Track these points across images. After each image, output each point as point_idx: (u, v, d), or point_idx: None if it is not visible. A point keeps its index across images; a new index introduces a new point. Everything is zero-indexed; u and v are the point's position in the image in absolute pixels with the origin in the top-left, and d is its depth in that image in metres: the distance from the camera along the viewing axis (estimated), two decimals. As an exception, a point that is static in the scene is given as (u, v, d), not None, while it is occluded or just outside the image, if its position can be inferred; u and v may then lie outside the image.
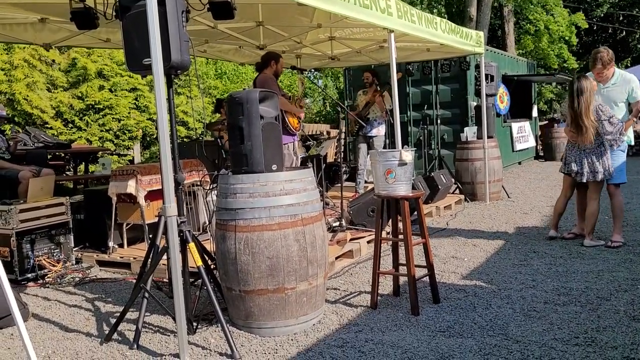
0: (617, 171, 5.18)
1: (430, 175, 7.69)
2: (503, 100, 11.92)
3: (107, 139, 11.02)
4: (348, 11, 4.71)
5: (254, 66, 7.31)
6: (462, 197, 8.27)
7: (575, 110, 5.05)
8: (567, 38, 19.99)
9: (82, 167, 9.54)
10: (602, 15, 24.10)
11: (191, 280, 3.73)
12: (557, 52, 19.99)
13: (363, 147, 8.00)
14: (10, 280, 2.78)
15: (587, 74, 5.29)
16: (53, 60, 10.82)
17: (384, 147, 7.99)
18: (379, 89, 7.97)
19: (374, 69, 8.30)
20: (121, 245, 5.44)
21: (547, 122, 16.44)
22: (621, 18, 23.15)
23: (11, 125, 9.60)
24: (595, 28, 23.75)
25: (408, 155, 3.70)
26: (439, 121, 10.66)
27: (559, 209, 5.56)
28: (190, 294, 3.60)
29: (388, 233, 5.16)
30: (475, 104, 9.83)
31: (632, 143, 5.62)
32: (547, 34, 19.62)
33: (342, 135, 6.80)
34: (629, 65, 22.22)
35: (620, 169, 5.20)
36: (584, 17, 21.09)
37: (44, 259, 4.95)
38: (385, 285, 4.29)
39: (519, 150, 13.44)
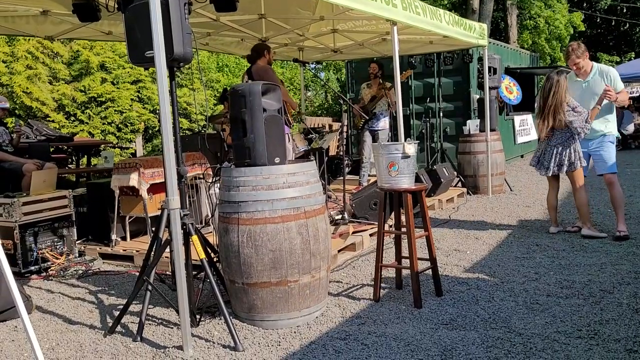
0: (608, 161, 5.25)
1: (433, 168, 7.68)
2: (512, 91, 11.80)
3: (109, 132, 11.02)
4: (352, 2, 4.68)
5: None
6: (465, 190, 8.27)
7: (548, 106, 5.17)
8: (563, 37, 19.92)
9: (84, 160, 9.55)
10: (606, 7, 23.96)
11: (194, 273, 3.73)
12: (549, 52, 19.96)
13: (368, 140, 7.94)
14: (14, 273, 2.78)
15: (562, 69, 5.41)
16: (56, 53, 10.81)
17: (388, 140, 7.96)
18: (381, 81, 7.93)
19: (377, 61, 8.23)
20: (124, 238, 5.44)
21: None
22: (625, 10, 23.00)
23: (14, 118, 9.61)
24: (598, 21, 23.59)
25: (411, 148, 3.69)
26: (441, 114, 10.62)
27: (551, 203, 5.61)
28: (193, 287, 3.60)
29: (390, 226, 5.16)
30: (477, 96, 9.80)
31: (619, 136, 5.66)
32: (547, 31, 19.57)
33: (345, 129, 6.78)
34: (632, 58, 22.11)
35: (610, 158, 5.25)
36: (587, 12, 21.00)
37: (47, 252, 4.96)
38: (388, 278, 4.30)
39: (522, 143, 13.40)
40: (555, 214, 5.61)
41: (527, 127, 13.69)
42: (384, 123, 7.93)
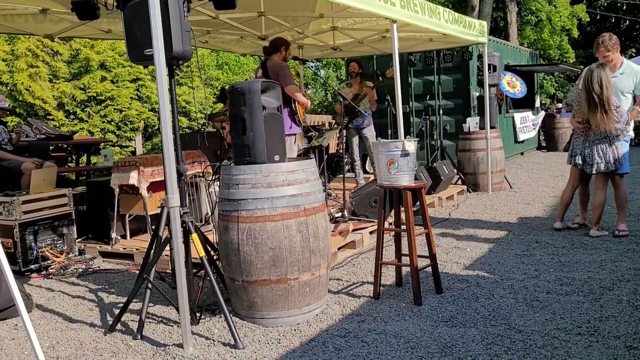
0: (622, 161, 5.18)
1: (433, 165, 7.68)
2: (515, 85, 11.73)
3: (109, 130, 11.02)
4: (351, 1, 4.68)
5: (255, 57, 7.27)
6: (465, 187, 8.26)
7: (601, 99, 4.86)
8: (567, 28, 19.88)
9: (84, 158, 9.55)
10: (606, 4, 23.92)
11: (194, 271, 3.74)
12: (557, 43, 19.90)
13: (355, 139, 7.86)
14: (14, 272, 2.78)
15: (603, 65, 5.06)
16: (56, 51, 10.80)
17: (376, 137, 7.92)
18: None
19: (357, 60, 8.14)
20: (124, 237, 5.45)
21: (546, 111, 16.34)
22: (625, 7, 22.97)
23: (13, 117, 9.60)
24: (598, 17, 23.56)
25: (411, 145, 3.69)
26: (441, 112, 10.61)
27: (565, 199, 5.53)
28: (193, 285, 3.60)
29: (390, 224, 5.16)
30: (477, 94, 9.79)
31: (633, 135, 5.61)
32: (549, 24, 19.52)
33: (343, 126, 6.77)
34: (633, 55, 22.09)
35: (624, 159, 5.19)
36: (586, 8, 20.96)
37: (47, 250, 4.96)
38: (388, 276, 4.30)
39: (523, 141, 13.38)
40: (565, 210, 5.56)
41: (528, 125, 13.68)
42: (369, 121, 7.88)
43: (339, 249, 4.94)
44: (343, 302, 3.79)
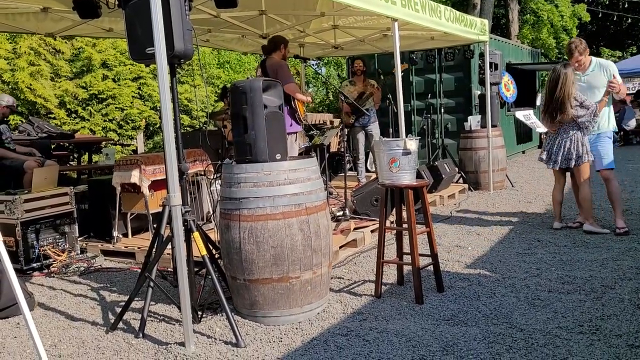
0: (605, 156, 5.26)
1: (434, 164, 7.67)
2: (509, 88, 11.83)
3: (110, 128, 11.03)
4: (351, -1, 4.67)
5: (256, 55, 7.27)
6: (466, 186, 8.26)
7: (556, 98, 5.11)
8: (569, 28, 19.85)
9: (85, 157, 9.55)
10: (607, 2, 23.87)
11: (196, 269, 3.74)
12: (554, 44, 19.87)
13: (361, 137, 7.89)
14: (16, 270, 2.79)
15: (568, 62, 5.34)
16: (58, 50, 10.80)
17: (380, 135, 7.92)
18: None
19: (361, 57, 8.15)
20: (125, 235, 5.45)
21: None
22: (626, 5, 22.91)
23: (14, 115, 9.60)
24: (600, 16, 23.52)
25: (412, 144, 3.69)
26: (442, 110, 10.61)
27: (556, 198, 5.59)
28: (195, 283, 3.61)
29: (392, 222, 5.16)
30: (479, 92, 9.78)
31: (616, 130, 5.69)
32: (549, 24, 19.49)
33: (345, 125, 6.77)
34: (634, 53, 22.05)
35: (608, 154, 5.28)
36: (587, 6, 20.93)
37: (49, 249, 4.97)
38: (390, 274, 4.30)
39: (546, 133, 13.32)
40: (560, 209, 5.59)
41: (533, 121, 13.65)
42: (374, 119, 7.91)
43: (340, 247, 4.94)
44: (344, 300, 3.79)
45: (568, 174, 5.54)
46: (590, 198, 5.31)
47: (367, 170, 8.76)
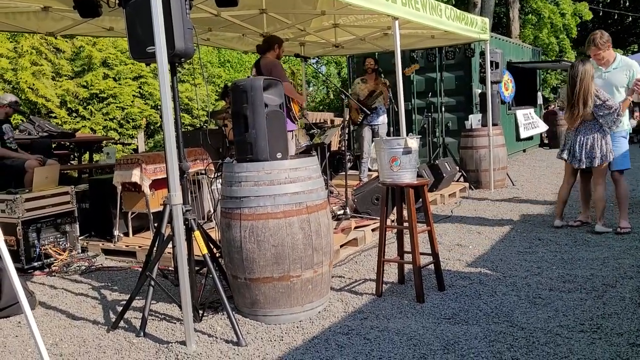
0: (620, 157, 5.18)
1: (435, 163, 7.67)
2: (508, 87, 11.85)
3: (111, 127, 11.03)
4: (352, -2, 4.67)
5: (257, 54, 7.28)
6: (467, 185, 8.26)
7: (576, 94, 5.01)
8: (569, 27, 19.83)
9: (86, 156, 9.55)
10: (608, 1, 23.84)
11: (197, 268, 3.75)
12: (555, 43, 19.84)
13: (367, 135, 7.93)
14: (17, 269, 2.79)
15: (588, 58, 5.25)
16: (58, 49, 10.80)
17: (387, 135, 7.94)
18: (376, 76, 7.91)
19: (373, 56, 8.19)
20: (126, 234, 5.46)
21: (546, 109, 16.29)
22: (627, 4, 22.89)
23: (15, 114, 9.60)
24: (601, 14, 23.49)
25: (413, 142, 3.69)
26: (443, 109, 10.60)
27: (562, 196, 5.54)
28: (196, 282, 3.61)
29: (393, 221, 5.16)
30: (479, 91, 9.78)
31: (630, 129, 5.61)
32: (550, 23, 19.46)
33: (346, 124, 6.77)
34: (635, 51, 22.02)
35: (623, 155, 5.20)
36: (589, 4, 20.89)
37: (50, 248, 4.98)
38: (390, 273, 4.30)
39: (526, 139, 13.32)
40: (563, 208, 5.56)
41: (532, 121, 13.63)
42: (383, 118, 7.92)
43: (341, 246, 4.94)
44: (345, 299, 3.79)
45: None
46: (605, 198, 5.25)
47: (370, 169, 8.76)
